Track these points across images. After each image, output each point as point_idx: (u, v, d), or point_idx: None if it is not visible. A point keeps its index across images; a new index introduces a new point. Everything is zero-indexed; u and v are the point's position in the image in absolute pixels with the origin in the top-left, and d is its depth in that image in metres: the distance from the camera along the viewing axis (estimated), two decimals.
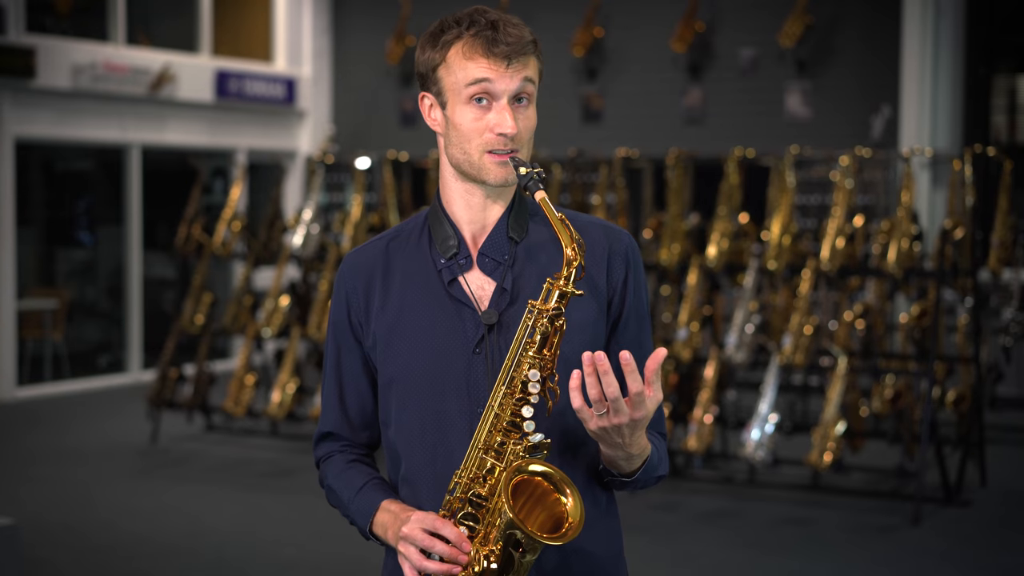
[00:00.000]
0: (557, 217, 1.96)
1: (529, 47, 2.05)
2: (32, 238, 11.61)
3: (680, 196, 8.15)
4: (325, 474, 2.22)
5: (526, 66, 2.05)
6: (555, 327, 1.96)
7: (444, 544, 1.93)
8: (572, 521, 1.91)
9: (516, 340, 1.97)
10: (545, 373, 1.96)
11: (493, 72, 2.02)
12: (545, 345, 1.96)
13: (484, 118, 2.04)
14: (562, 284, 1.95)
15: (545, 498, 1.94)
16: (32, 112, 10.75)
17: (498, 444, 1.96)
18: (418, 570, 1.95)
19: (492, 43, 2.02)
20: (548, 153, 10.49)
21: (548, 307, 1.96)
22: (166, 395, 8.89)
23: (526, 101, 2.06)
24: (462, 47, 2.04)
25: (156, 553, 6.21)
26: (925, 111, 10.59)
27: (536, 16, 12.04)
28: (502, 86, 2.03)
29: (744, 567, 6.12)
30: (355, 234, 8.79)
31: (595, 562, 2.11)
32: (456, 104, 2.06)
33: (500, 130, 2.03)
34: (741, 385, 8.85)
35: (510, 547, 1.91)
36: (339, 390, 2.21)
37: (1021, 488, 7.73)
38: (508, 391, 1.96)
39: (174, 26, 12.57)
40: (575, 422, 2.03)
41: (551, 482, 1.94)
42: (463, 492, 1.97)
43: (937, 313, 7.17)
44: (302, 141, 13.25)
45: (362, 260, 2.18)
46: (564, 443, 2.07)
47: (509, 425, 1.96)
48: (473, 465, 1.97)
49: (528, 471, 1.93)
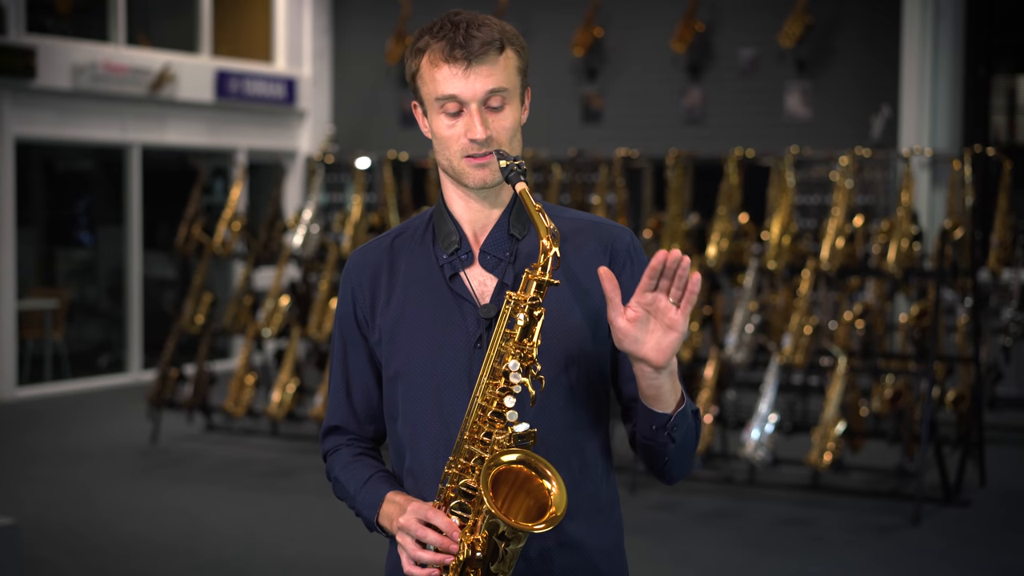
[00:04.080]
0: (535, 208, 1.98)
1: (493, 47, 2.05)
2: (32, 238, 11.62)
3: (680, 196, 8.15)
4: (332, 467, 2.26)
5: (492, 70, 2.06)
6: (534, 317, 1.98)
7: (436, 534, 1.97)
8: (556, 506, 1.93)
9: (496, 331, 2.00)
10: (526, 363, 1.97)
11: (456, 81, 2.05)
12: (526, 335, 1.98)
13: (456, 125, 2.08)
14: (539, 274, 1.98)
15: (528, 484, 1.97)
16: (32, 112, 10.76)
17: (484, 435, 1.99)
18: (413, 560, 1.98)
19: (451, 47, 2.05)
20: (548, 153, 10.49)
21: (525, 297, 1.98)
22: (166, 395, 8.90)
23: (500, 104, 2.08)
24: (429, 55, 2.08)
25: (156, 553, 6.21)
26: (925, 111, 10.59)
27: (536, 16, 12.05)
28: (468, 94, 2.06)
29: (744, 567, 6.13)
30: (355, 234, 8.79)
31: (596, 554, 2.13)
32: (432, 114, 2.11)
33: (470, 136, 2.06)
34: (741, 385, 8.85)
35: (495, 537, 1.94)
36: (346, 385, 2.25)
37: (1021, 488, 7.73)
38: (491, 382, 1.99)
39: (174, 26, 12.57)
40: (577, 413, 2.07)
41: (529, 467, 1.96)
42: (454, 482, 2.01)
43: (937, 313, 7.17)
44: (302, 141, 13.26)
45: (368, 257, 2.22)
46: (567, 433, 2.10)
47: (494, 416, 1.98)
48: (462, 456, 2.00)
49: (503, 462, 1.95)
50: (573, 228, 2.16)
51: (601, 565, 2.13)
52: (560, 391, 2.09)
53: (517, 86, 2.10)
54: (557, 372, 2.08)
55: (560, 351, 2.07)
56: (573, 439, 2.11)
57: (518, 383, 1.97)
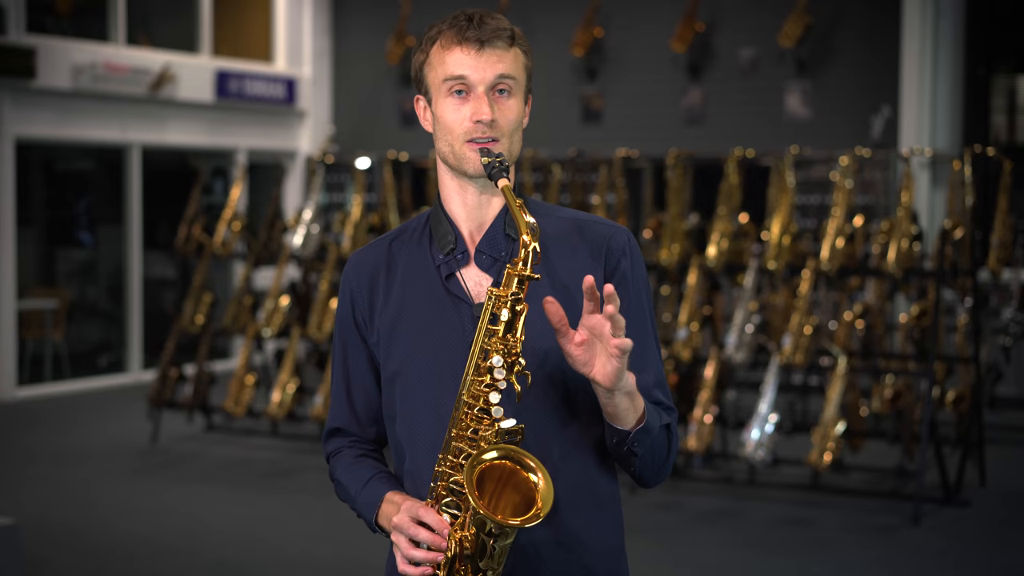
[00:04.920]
0: (516, 203, 1.99)
1: (504, 34, 2.08)
2: (32, 238, 11.62)
3: (680, 196, 8.15)
4: (334, 469, 2.27)
5: (503, 56, 2.08)
6: (516, 312, 1.98)
7: (428, 532, 1.98)
8: (542, 501, 1.93)
9: (478, 328, 2.00)
10: (510, 359, 1.98)
11: (468, 62, 2.07)
12: (509, 331, 1.98)
13: (462, 108, 2.08)
14: (519, 269, 1.98)
15: (514, 478, 1.97)
16: (32, 112, 10.76)
17: (471, 432, 1.99)
18: (407, 559, 1.99)
19: (465, 30, 2.07)
20: (548, 153, 10.50)
21: (506, 293, 1.98)
22: (166, 395, 8.90)
23: (507, 93, 2.09)
24: (441, 41, 2.10)
25: (156, 553, 6.21)
26: (925, 111, 10.59)
27: (536, 16, 12.05)
28: (477, 76, 2.07)
29: (744, 567, 6.13)
30: (355, 234, 8.79)
31: (596, 554, 2.13)
32: (439, 99, 2.11)
33: (476, 117, 2.06)
34: (741, 385, 8.85)
35: (483, 534, 1.95)
36: (346, 387, 2.26)
37: (1020, 488, 7.73)
38: (476, 379, 1.99)
39: (174, 26, 12.57)
40: (576, 412, 2.08)
41: (513, 461, 1.97)
42: (445, 480, 2.01)
43: (937, 313, 7.17)
44: (302, 141, 13.26)
45: (366, 259, 2.23)
46: (571, 436, 2.10)
47: (480, 412, 1.99)
48: (451, 454, 2.01)
49: (485, 460, 1.96)
50: (569, 227, 2.16)
51: (600, 564, 2.13)
52: (552, 388, 2.09)
53: (523, 82, 2.12)
54: (551, 370, 2.08)
55: (551, 348, 2.07)
56: (567, 436, 2.10)
57: (503, 379, 1.97)
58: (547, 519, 1.99)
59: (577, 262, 2.12)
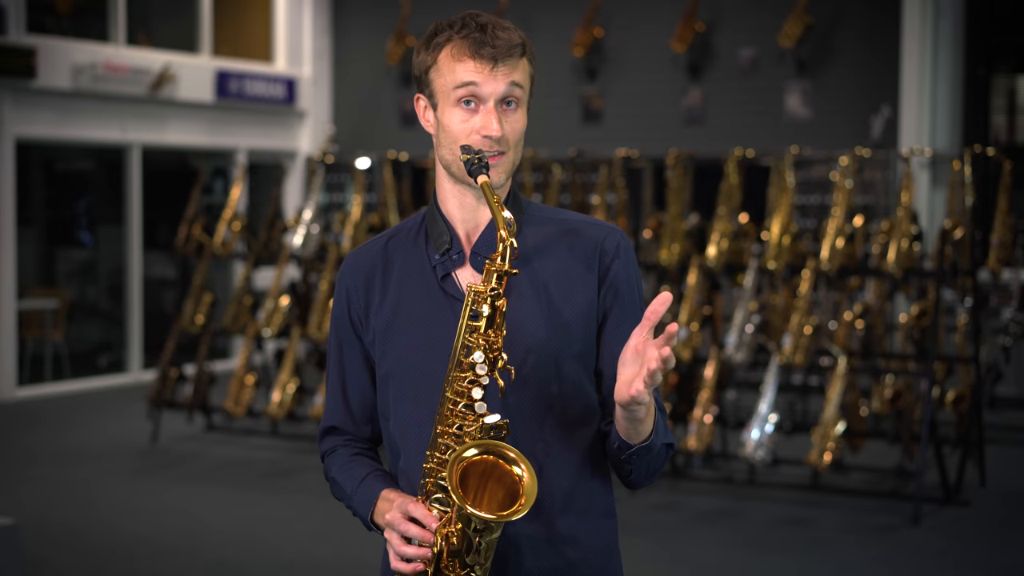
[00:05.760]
0: (494, 200, 1.99)
1: (517, 50, 2.08)
2: (32, 238, 11.62)
3: (680, 196, 8.15)
4: (329, 467, 2.27)
5: (514, 69, 2.08)
6: (496, 307, 1.99)
7: (417, 527, 1.99)
8: (526, 494, 1.94)
9: (460, 324, 2.01)
10: (492, 355, 1.98)
11: (480, 75, 2.06)
12: (490, 326, 1.99)
13: (471, 120, 2.08)
14: (498, 264, 1.99)
15: (497, 472, 1.98)
16: (32, 112, 10.76)
17: (456, 428, 2.00)
18: (398, 555, 2.01)
19: (480, 45, 2.06)
20: (548, 153, 10.49)
21: (485, 289, 1.99)
22: (166, 395, 8.90)
23: (514, 105, 2.10)
24: (451, 49, 2.08)
25: (156, 553, 6.21)
26: (925, 111, 10.60)
27: (536, 16, 12.05)
28: (488, 89, 2.07)
29: (744, 567, 6.13)
30: (355, 234, 8.79)
31: (586, 552, 2.13)
32: (445, 106, 2.10)
33: (485, 132, 2.07)
34: (741, 385, 8.85)
35: (469, 530, 1.96)
36: (342, 385, 2.26)
37: (1020, 488, 7.73)
38: (459, 375, 2.00)
39: (174, 26, 12.57)
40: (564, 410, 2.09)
41: (495, 455, 1.97)
42: (433, 476, 2.02)
43: (937, 313, 7.17)
44: (302, 141, 13.26)
45: (362, 259, 2.24)
46: (559, 434, 2.10)
47: (464, 408, 2.00)
48: (437, 450, 2.02)
49: (466, 457, 1.96)
50: (565, 229, 2.17)
51: (590, 563, 2.13)
52: (537, 386, 2.09)
53: (528, 90, 2.13)
54: (536, 367, 2.08)
55: (535, 346, 2.08)
56: (553, 434, 2.11)
57: (485, 374, 1.98)
58: (534, 516, 2.00)
59: (565, 263, 2.13)
